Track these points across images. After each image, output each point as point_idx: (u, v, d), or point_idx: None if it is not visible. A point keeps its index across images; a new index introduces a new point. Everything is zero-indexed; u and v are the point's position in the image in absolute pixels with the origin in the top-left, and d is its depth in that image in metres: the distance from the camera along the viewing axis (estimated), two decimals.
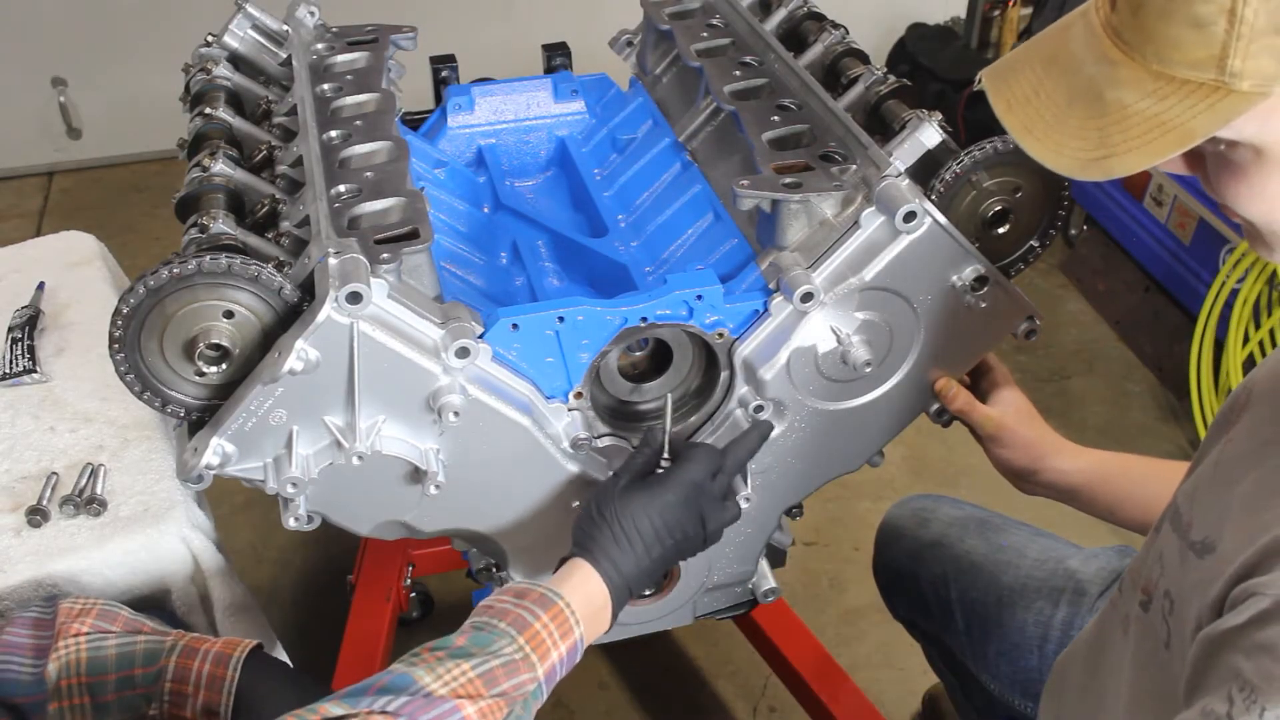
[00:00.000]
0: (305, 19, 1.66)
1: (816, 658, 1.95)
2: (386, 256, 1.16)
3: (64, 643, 1.10)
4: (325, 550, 2.48)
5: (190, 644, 1.12)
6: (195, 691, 1.10)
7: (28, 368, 1.60)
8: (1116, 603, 1.14)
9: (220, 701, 1.10)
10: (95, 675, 1.09)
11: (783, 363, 1.30)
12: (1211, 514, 0.94)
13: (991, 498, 1.77)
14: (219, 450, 1.18)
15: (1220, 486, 0.96)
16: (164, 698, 1.09)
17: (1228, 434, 1.00)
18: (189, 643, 1.13)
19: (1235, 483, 0.93)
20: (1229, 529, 0.90)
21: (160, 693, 1.10)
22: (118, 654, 1.10)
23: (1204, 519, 0.95)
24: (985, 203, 1.32)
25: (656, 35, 1.71)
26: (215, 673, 1.11)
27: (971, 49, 3.85)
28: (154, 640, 1.12)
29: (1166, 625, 0.97)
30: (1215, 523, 0.93)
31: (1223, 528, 0.91)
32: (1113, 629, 1.12)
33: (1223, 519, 0.92)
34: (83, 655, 1.09)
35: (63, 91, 3.83)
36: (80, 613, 1.13)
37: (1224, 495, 0.94)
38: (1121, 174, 0.81)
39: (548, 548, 1.40)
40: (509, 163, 1.70)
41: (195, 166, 1.38)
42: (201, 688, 1.10)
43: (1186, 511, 0.99)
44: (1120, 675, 1.06)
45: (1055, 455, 1.36)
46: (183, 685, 1.10)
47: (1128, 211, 3.07)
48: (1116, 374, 3.03)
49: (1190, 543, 0.95)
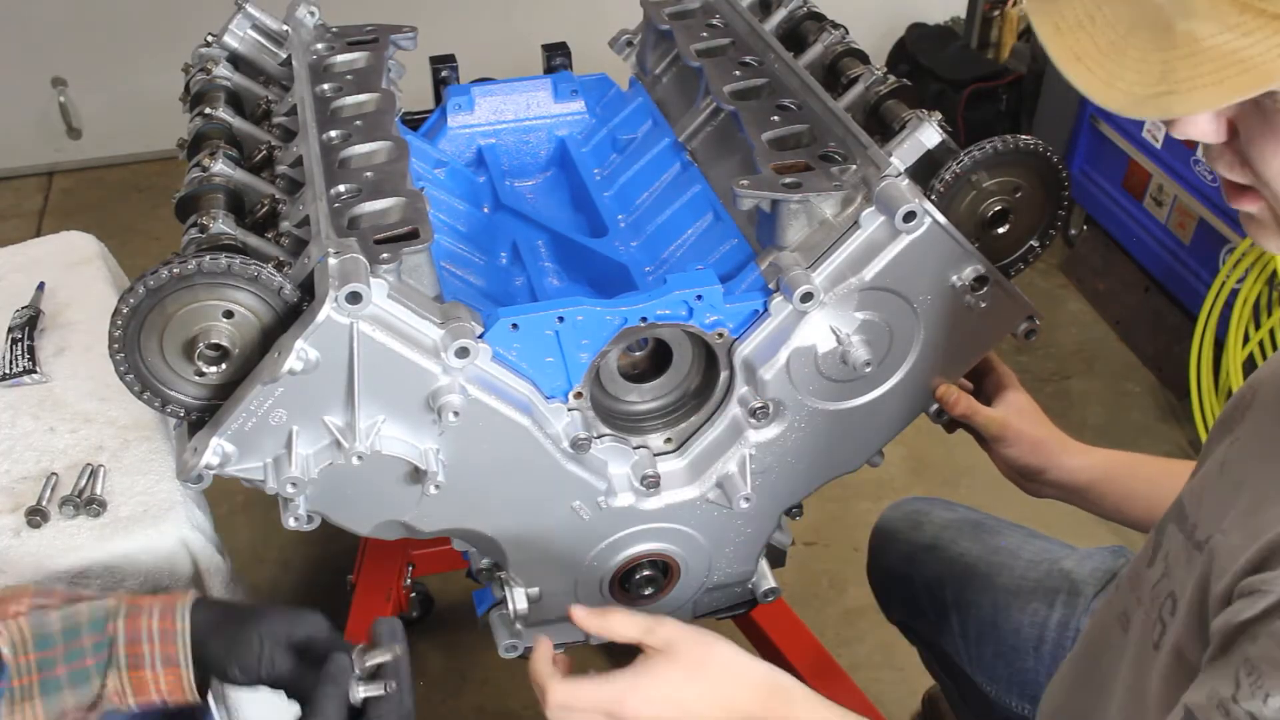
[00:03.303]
0: (305, 19, 1.66)
1: (816, 658, 1.95)
2: (386, 256, 1.16)
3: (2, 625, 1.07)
4: (325, 550, 2.48)
5: (133, 603, 1.10)
6: (151, 647, 1.08)
7: (28, 368, 1.60)
8: (1114, 601, 1.14)
9: (177, 653, 1.08)
10: (42, 650, 1.06)
11: (782, 363, 1.30)
12: (1216, 513, 0.94)
13: (992, 498, 1.77)
14: (219, 450, 1.18)
15: (1226, 486, 0.95)
16: (121, 664, 1.08)
17: (1232, 434, 1.00)
18: (131, 602, 1.10)
19: (1240, 483, 0.93)
20: (1234, 528, 0.90)
21: (116, 658, 1.08)
22: (63, 626, 1.07)
23: (1209, 519, 0.95)
24: (985, 203, 1.32)
25: (656, 35, 1.71)
26: (165, 627, 1.09)
27: (971, 49, 3.85)
28: (97, 606, 1.10)
29: (1162, 625, 0.97)
30: (1219, 522, 0.93)
31: (1228, 527, 0.91)
32: (1110, 627, 1.12)
33: (1227, 518, 0.92)
34: (26, 632, 1.07)
35: (63, 91, 3.83)
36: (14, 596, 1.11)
37: (1230, 495, 0.93)
38: (1181, 113, 0.73)
39: (547, 548, 1.40)
40: (509, 163, 1.70)
41: (195, 166, 1.38)
42: (155, 641, 1.09)
43: (1193, 512, 0.99)
44: (1116, 674, 1.06)
45: (1063, 453, 1.35)
46: (137, 646, 1.08)
47: (1128, 211, 3.08)
48: (1116, 374, 3.03)
49: (1196, 543, 0.95)
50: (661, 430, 1.39)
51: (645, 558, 1.44)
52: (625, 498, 1.37)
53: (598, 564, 1.43)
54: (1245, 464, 0.95)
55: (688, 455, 1.39)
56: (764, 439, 1.36)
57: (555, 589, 1.44)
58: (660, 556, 1.45)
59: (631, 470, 1.37)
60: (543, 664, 1.09)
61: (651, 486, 1.36)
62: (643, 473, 1.36)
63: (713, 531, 1.44)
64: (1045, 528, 1.67)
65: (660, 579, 1.48)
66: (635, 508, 1.38)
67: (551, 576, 1.43)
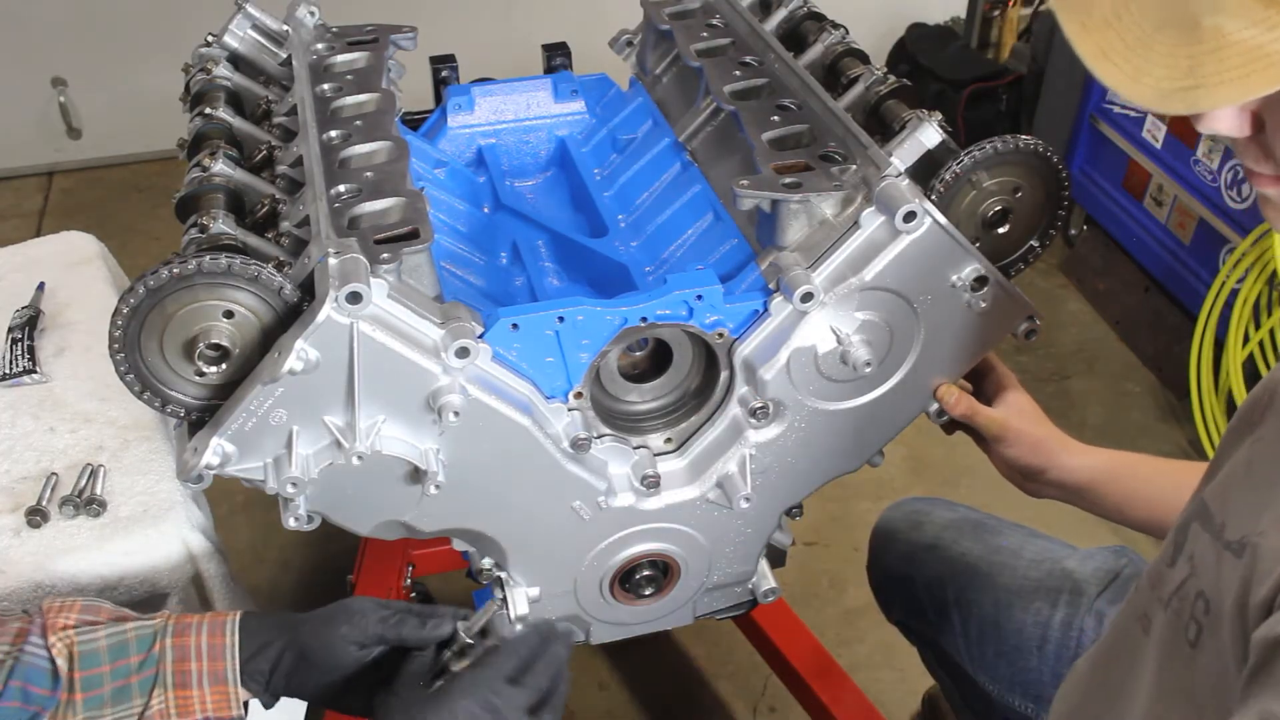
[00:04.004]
0: (305, 19, 1.66)
1: (816, 658, 1.95)
2: (386, 256, 1.16)
3: (54, 637, 1.08)
4: (325, 550, 2.48)
5: (180, 621, 1.11)
6: (199, 664, 1.09)
7: (28, 368, 1.61)
8: (1134, 602, 1.14)
9: (225, 669, 1.09)
10: (88, 669, 1.07)
11: (783, 363, 1.30)
12: (1248, 513, 0.93)
13: (992, 498, 1.77)
14: (219, 450, 1.18)
15: (1257, 486, 0.94)
16: (168, 683, 1.08)
17: (1254, 434, 0.99)
18: (179, 620, 1.11)
19: (1273, 482, 0.92)
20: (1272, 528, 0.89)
21: (163, 675, 1.08)
22: (109, 644, 1.09)
23: (1239, 519, 0.94)
24: (985, 203, 1.32)
25: (656, 35, 1.71)
26: (214, 642, 1.10)
27: (971, 49, 3.85)
28: (144, 625, 1.11)
29: (1198, 624, 0.96)
30: (1253, 521, 0.92)
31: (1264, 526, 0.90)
32: (1130, 628, 1.11)
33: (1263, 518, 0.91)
34: (74, 648, 1.08)
35: (63, 91, 3.83)
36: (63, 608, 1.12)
37: (1262, 494, 0.92)
38: (1207, 107, 0.74)
39: (548, 548, 1.40)
40: (509, 163, 1.70)
41: (195, 166, 1.38)
42: (204, 658, 1.09)
43: (1219, 512, 0.98)
44: (1140, 674, 1.06)
45: (1063, 453, 1.35)
46: (184, 663, 1.09)
47: (1128, 211, 3.08)
48: (1116, 374, 3.03)
49: (1226, 543, 0.94)
50: (662, 430, 1.39)
51: (645, 557, 1.44)
52: (625, 498, 1.37)
53: (598, 564, 1.43)
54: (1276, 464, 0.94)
55: (688, 455, 1.39)
56: (764, 439, 1.36)
57: (555, 589, 1.44)
58: (660, 556, 1.45)
59: (631, 470, 1.37)
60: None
61: (652, 486, 1.36)
62: (643, 473, 1.36)
63: (713, 531, 1.45)
64: (1046, 527, 1.67)
65: (660, 579, 1.48)
66: (635, 508, 1.38)
67: (551, 576, 1.43)
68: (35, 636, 1.08)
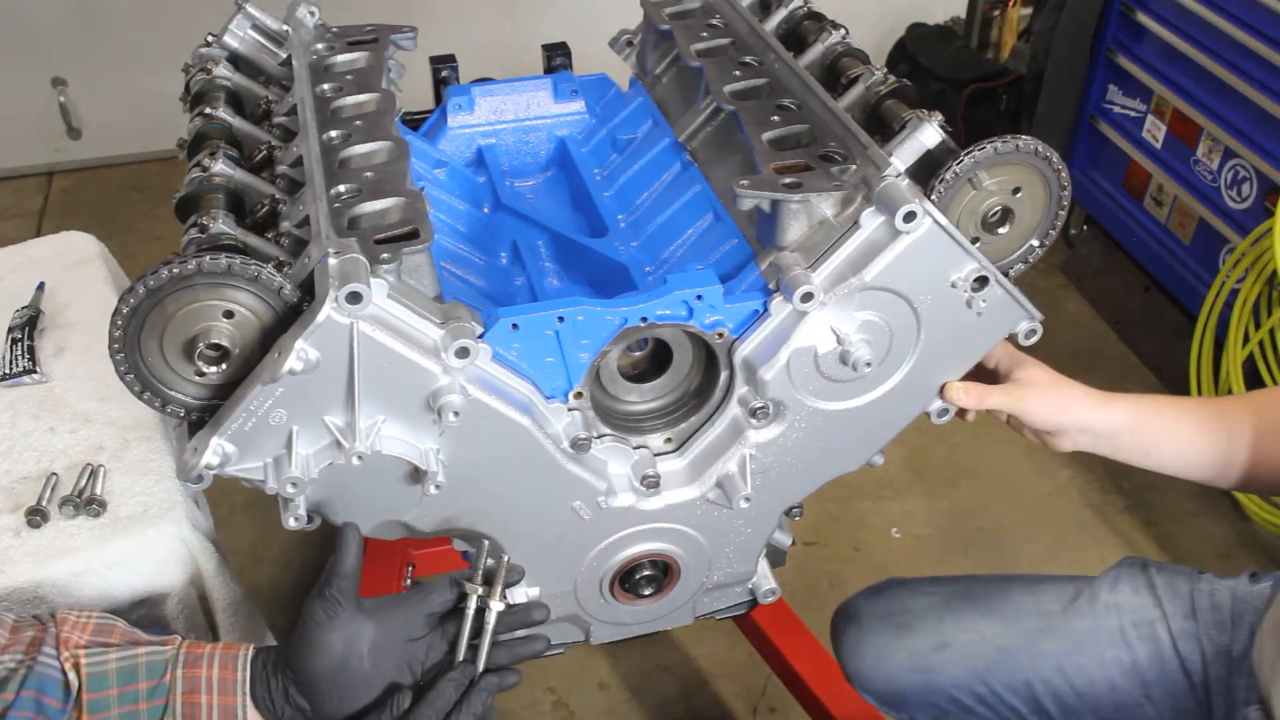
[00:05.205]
0: (305, 19, 1.66)
1: (816, 658, 1.96)
2: (386, 256, 1.16)
3: (66, 654, 1.08)
4: (325, 550, 2.48)
5: (192, 651, 1.12)
6: (209, 698, 1.09)
7: (28, 368, 1.60)
8: None
9: (235, 704, 1.10)
10: (95, 691, 1.07)
11: (783, 363, 1.30)
12: None
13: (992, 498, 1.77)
14: (219, 450, 1.18)
15: None
16: (177, 713, 1.09)
17: None
18: (190, 650, 1.12)
19: None
20: None
21: (173, 706, 1.09)
22: (118, 668, 1.09)
23: None
24: (985, 203, 1.32)
25: (656, 35, 1.71)
26: (225, 676, 1.11)
27: (971, 49, 3.85)
28: (155, 651, 1.11)
29: None
30: None
31: None
32: None
33: None
34: (82, 669, 1.08)
35: (63, 91, 3.83)
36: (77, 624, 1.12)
37: None
38: None
39: (548, 548, 1.40)
40: (509, 163, 1.70)
41: (195, 166, 1.38)
42: (214, 692, 1.10)
43: None
44: None
45: (1088, 401, 1.37)
46: (194, 695, 1.09)
47: (1128, 211, 3.08)
48: (1116, 374, 3.03)
49: None
50: (662, 430, 1.39)
51: (645, 557, 1.45)
52: (625, 498, 1.37)
53: (598, 564, 1.43)
54: None
55: (688, 455, 1.39)
56: (764, 439, 1.36)
57: (555, 589, 1.44)
58: (660, 556, 1.45)
59: (632, 470, 1.37)
60: None
61: (652, 486, 1.36)
62: (643, 473, 1.36)
63: (713, 531, 1.45)
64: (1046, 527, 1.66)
65: (660, 579, 1.48)
66: (635, 508, 1.38)
67: (551, 576, 1.43)
68: (49, 647, 1.08)
